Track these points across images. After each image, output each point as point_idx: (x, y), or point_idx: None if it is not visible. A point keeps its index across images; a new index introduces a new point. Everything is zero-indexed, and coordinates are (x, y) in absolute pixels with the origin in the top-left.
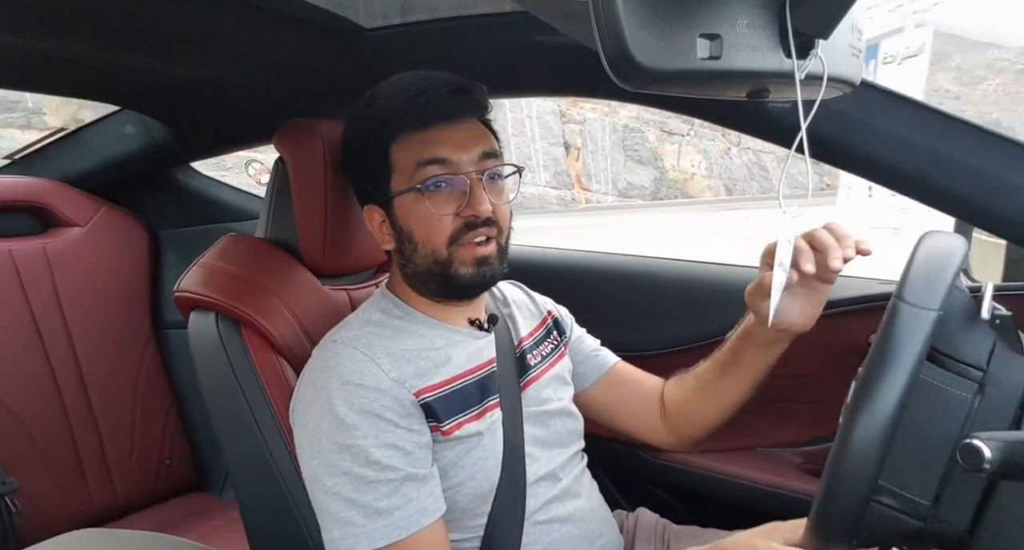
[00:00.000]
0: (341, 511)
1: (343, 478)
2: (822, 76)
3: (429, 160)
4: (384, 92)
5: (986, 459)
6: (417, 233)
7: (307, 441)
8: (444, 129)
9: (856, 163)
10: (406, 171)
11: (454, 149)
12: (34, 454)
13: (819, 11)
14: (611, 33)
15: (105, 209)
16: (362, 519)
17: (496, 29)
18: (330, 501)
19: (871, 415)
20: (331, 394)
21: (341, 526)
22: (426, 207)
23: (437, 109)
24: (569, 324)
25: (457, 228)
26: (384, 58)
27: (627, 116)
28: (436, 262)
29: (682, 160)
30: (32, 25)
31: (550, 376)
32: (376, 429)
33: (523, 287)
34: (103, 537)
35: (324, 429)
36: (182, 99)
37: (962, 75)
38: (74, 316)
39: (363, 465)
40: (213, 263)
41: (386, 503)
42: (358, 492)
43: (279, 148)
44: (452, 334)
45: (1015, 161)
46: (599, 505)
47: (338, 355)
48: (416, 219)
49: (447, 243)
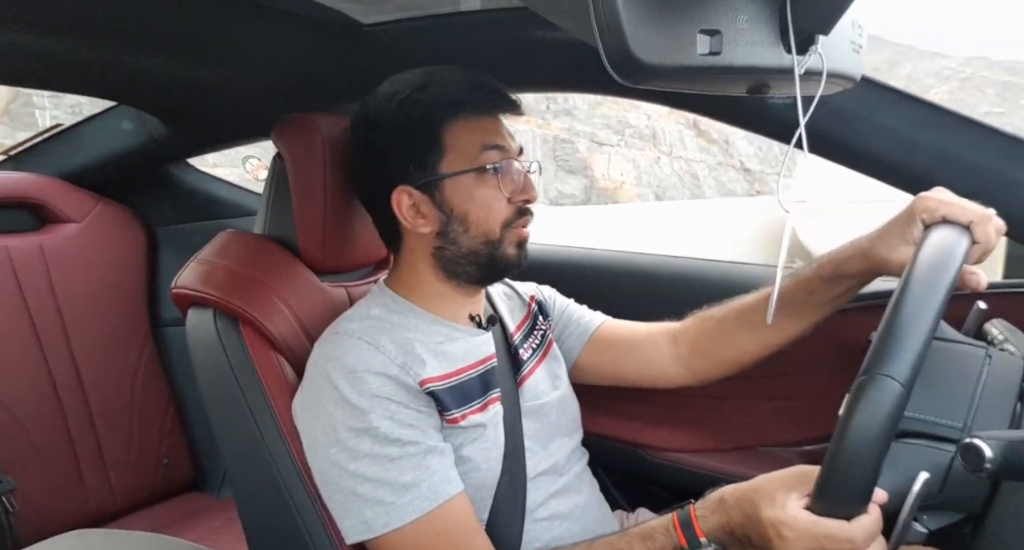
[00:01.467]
0: (369, 492)
1: (365, 460)
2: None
3: (492, 145)
4: (439, 79)
5: (987, 458)
6: (472, 214)
7: (321, 431)
8: (496, 118)
9: (857, 159)
10: (467, 153)
11: (506, 138)
12: (31, 453)
13: (820, 7)
14: (611, 29)
15: (102, 205)
16: (391, 495)
17: (495, 25)
18: (356, 484)
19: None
20: (339, 383)
21: (372, 506)
22: (486, 190)
23: (498, 100)
24: (551, 302)
25: (512, 213)
26: (382, 54)
27: (558, 128)
28: (487, 242)
29: (612, 169)
30: (29, 21)
31: (543, 368)
32: (389, 411)
33: (504, 280)
34: (100, 537)
35: (338, 417)
36: (179, 95)
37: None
38: (71, 313)
39: (383, 444)
40: (211, 259)
41: (412, 476)
42: (383, 471)
43: (277, 144)
44: (451, 330)
45: (1017, 158)
46: (599, 504)
47: (343, 345)
48: (474, 200)
49: (501, 225)
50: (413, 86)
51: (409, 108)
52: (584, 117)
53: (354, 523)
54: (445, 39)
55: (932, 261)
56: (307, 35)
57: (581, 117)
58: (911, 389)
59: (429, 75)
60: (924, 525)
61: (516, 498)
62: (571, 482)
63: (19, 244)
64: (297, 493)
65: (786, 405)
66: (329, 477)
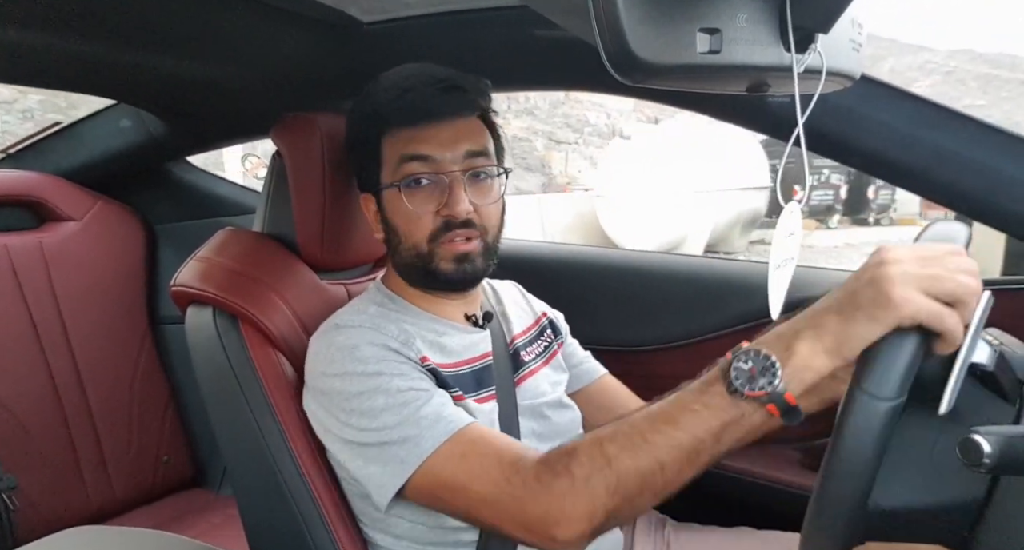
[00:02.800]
0: (396, 435)
1: (384, 414)
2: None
3: (411, 157)
4: (379, 86)
5: (985, 454)
6: (400, 227)
7: (337, 407)
8: (431, 126)
9: (857, 157)
10: (391, 166)
11: (438, 147)
12: (31, 451)
13: (820, 5)
14: (611, 28)
15: (101, 203)
16: (416, 429)
17: (495, 23)
18: (382, 435)
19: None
20: (345, 363)
21: (401, 445)
22: (405, 204)
23: (423, 106)
24: (565, 330)
25: (437, 227)
26: (382, 52)
27: (518, 126)
28: (418, 256)
29: (569, 167)
30: (28, 20)
31: (545, 372)
32: (398, 370)
33: (520, 288)
34: (100, 534)
35: (348, 389)
36: (178, 93)
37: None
38: (70, 311)
39: (399, 393)
40: (210, 257)
41: (430, 410)
42: (403, 415)
43: (276, 142)
44: (446, 327)
45: (1016, 156)
46: None
47: (344, 332)
48: (399, 214)
49: (427, 239)
50: (364, 93)
51: (354, 118)
52: (545, 116)
53: (390, 473)
54: (445, 37)
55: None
56: (307, 33)
57: (542, 116)
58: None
59: (379, 79)
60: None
61: None
62: None
63: (19, 242)
64: (297, 489)
65: None
66: (353, 450)
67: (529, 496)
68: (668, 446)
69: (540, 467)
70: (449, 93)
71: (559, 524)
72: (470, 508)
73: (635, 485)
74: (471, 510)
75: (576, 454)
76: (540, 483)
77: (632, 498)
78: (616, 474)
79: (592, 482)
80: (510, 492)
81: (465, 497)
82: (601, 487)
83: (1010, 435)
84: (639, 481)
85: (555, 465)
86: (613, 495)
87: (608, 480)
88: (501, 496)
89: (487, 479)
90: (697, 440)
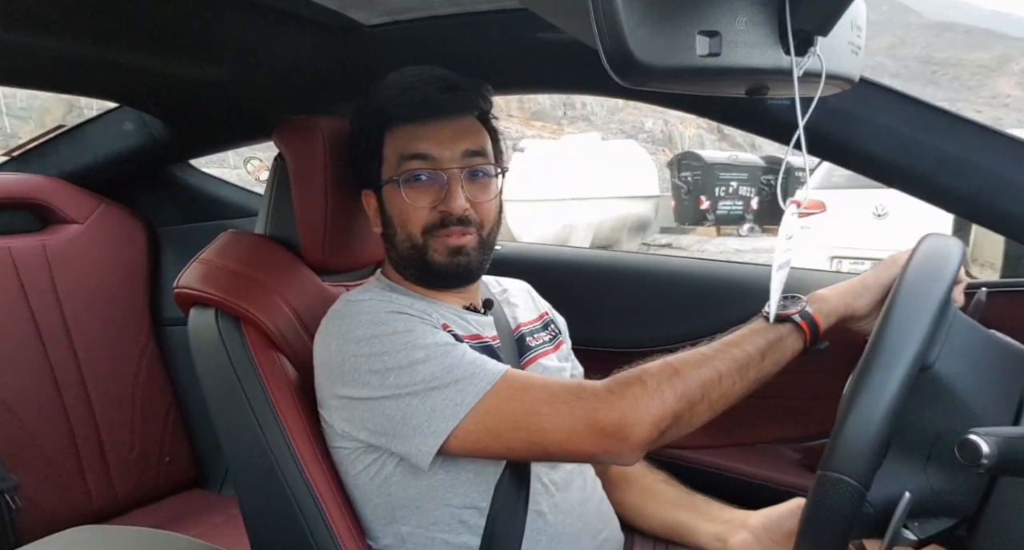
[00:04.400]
0: (445, 379)
1: (427, 363)
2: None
3: (411, 155)
4: (383, 84)
5: (984, 454)
6: (397, 218)
7: (369, 373)
8: (431, 125)
9: (857, 160)
10: (391, 162)
11: (437, 145)
12: (34, 451)
13: (819, 8)
14: (610, 30)
15: (104, 206)
16: (464, 371)
17: (496, 26)
18: (430, 383)
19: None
20: (369, 328)
21: (452, 388)
22: (403, 199)
23: (424, 105)
24: (566, 334)
25: (432, 221)
26: (384, 55)
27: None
28: (413, 247)
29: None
30: (32, 23)
31: (552, 357)
32: (427, 329)
33: (530, 288)
34: (102, 534)
35: (382, 349)
36: (181, 96)
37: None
38: (73, 313)
39: (436, 346)
40: (213, 259)
41: (473, 355)
42: (446, 361)
43: (279, 145)
44: (451, 310)
45: (1015, 159)
46: (602, 500)
47: (359, 305)
48: (396, 208)
49: (421, 231)
50: (367, 92)
51: (359, 116)
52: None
53: (441, 415)
54: (446, 40)
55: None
56: (309, 36)
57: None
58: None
59: (383, 79)
60: (915, 533)
61: (519, 491)
62: (574, 477)
63: (22, 244)
64: (299, 490)
65: (786, 403)
66: (396, 407)
67: (603, 404)
68: (724, 359)
69: (609, 383)
70: (450, 91)
71: (633, 426)
72: (536, 433)
73: (697, 392)
74: (537, 435)
75: (646, 368)
76: (613, 393)
77: (694, 404)
78: (683, 381)
79: (663, 387)
80: (581, 406)
81: (531, 424)
82: (670, 391)
83: (1008, 436)
84: (701, 389)
85: (625, 378)
86: (680, 400)
87: (676, 386)
88: (573, 411)
89: (556, 401)
90: (747, 355)
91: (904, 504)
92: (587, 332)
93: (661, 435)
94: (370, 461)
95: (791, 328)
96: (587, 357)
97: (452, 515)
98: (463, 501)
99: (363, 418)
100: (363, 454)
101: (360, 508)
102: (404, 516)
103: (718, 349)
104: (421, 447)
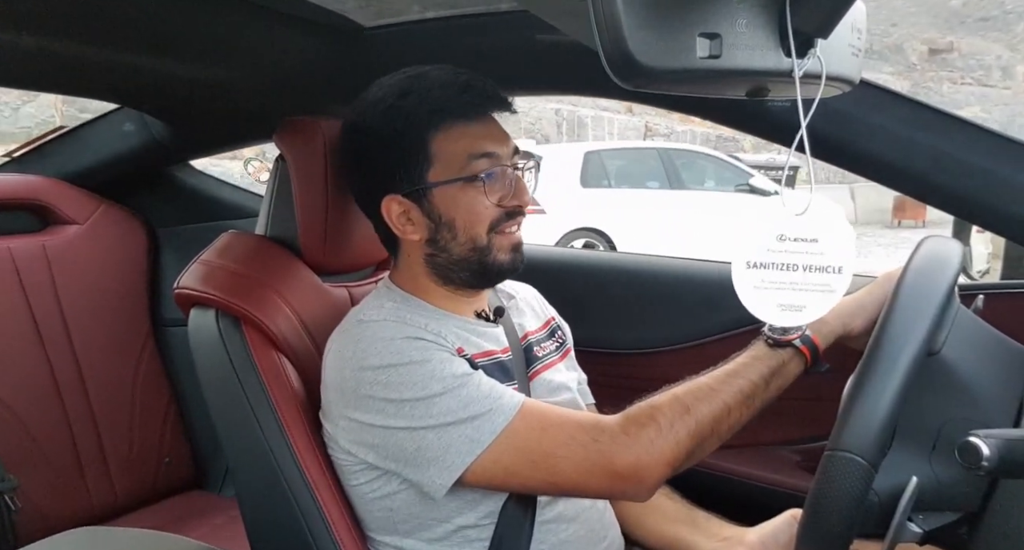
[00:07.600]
0: (461, 415)
1: (444, 397)
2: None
3: (480, 154)
4: (422, 84)
5: (984, 457)
6: (459, 221)
7: (384, 401)
8: (487, 123)
9: (856, 161)
10: (453, 162)
11: (497, 143)
12: (33, 452)
13: (819, 10)
14: (611, 32)
15: (104, 207)
16: (486, 404)
17: (495, 28)
18: (446, 419)
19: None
20: (384, 356)
21: (471, 422)
22: (473, 197)
23: (486, 103)
24: (570, 341)
25: (497, 216)
26: (382, 57)
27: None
28: (475, 249)
29: None
30: (32, 23)
31: (560, 367)
32: (443, 358)
33: (537, 293)
34: (102, 535)
35: (398, 380)
36: (181, 97)
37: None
38: (73, 314)
39: (453, 378)
40: (213, 260)
41: (488, 388)
42: (462, 394)
43: (279, 146)
44: (463, 323)
45: (1014, 159)
46: (604, 506)
47: (371, 326)
48: (460, 208)
49: (487, 230)
50: (396, 93)
51: (393, 117)
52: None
53: (457, 451)
54: (446, 42)
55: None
56: (309, 38)
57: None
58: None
59: (413, 79)
60: (919, 525)
61: (526, 508)
62: None
63: (22, 245)
64: (299, 491)
65: (785, 404)
66: (410, 439)
67: (619, 448)
68: (731, 391)
69: (624, 421)
70: (496, 91)
71: (648, 468)
72: (552, 474)
73: (708, 428)
74: (553, 476)
75: (658, 406)
76: (628, 435)
77: (705, 439)
78: (695, 419)
79: (676, 427)
80: (598, 449)
81: (547, 465)
82: (683, 431)
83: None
84: (711, 424)
85: (639, 417)
86: (692, 438)
87: (688, 425)
88: (589, 454)
89: (573, 443)
90: (753, 385)
91: (912, 488)
92: (587, 333)
93: (676, 470)
94: (372, 477)
95: (792, 353)
96: (588, 358)
97: (457, 532)
98: (469, 520)
99: (373, 443)
100: (366, 470)
101: (360, 515)
102: (406, 530)
103: (723, 381)
104: (436, 480)
